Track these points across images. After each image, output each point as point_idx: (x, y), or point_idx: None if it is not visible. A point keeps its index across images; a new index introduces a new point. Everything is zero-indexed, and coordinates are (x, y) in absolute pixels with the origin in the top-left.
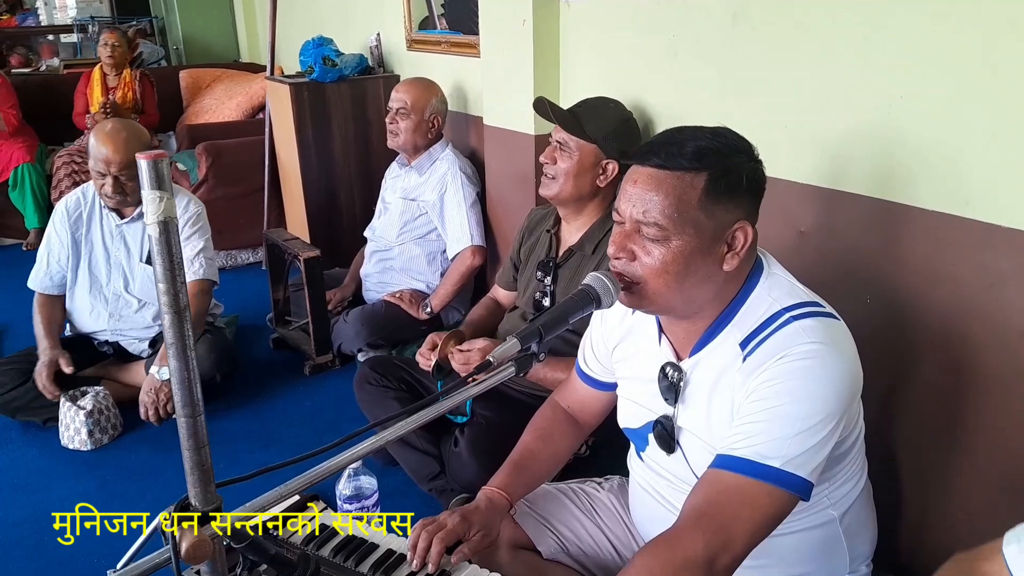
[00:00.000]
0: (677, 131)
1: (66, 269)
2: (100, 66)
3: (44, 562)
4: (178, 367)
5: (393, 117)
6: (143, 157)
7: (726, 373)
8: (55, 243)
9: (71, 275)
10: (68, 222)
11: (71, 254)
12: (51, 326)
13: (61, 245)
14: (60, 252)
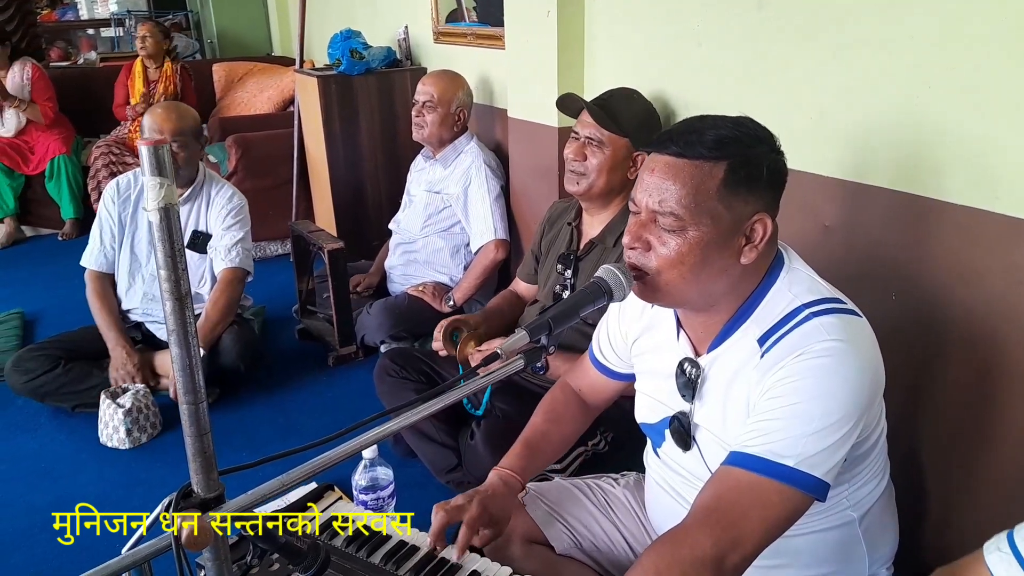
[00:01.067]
0: (698, 119)
1: (115, 249)
2: (140, 59)
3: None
4: (180, 354)
5: (419, 110)
6: (144, 143)
7: (743, 370)
8: (105, 221)
9: (117, 256)
10: (118, 199)
11: (117, 232)
12: (114, 316)
13: (111, 222)
14: (111, 228)
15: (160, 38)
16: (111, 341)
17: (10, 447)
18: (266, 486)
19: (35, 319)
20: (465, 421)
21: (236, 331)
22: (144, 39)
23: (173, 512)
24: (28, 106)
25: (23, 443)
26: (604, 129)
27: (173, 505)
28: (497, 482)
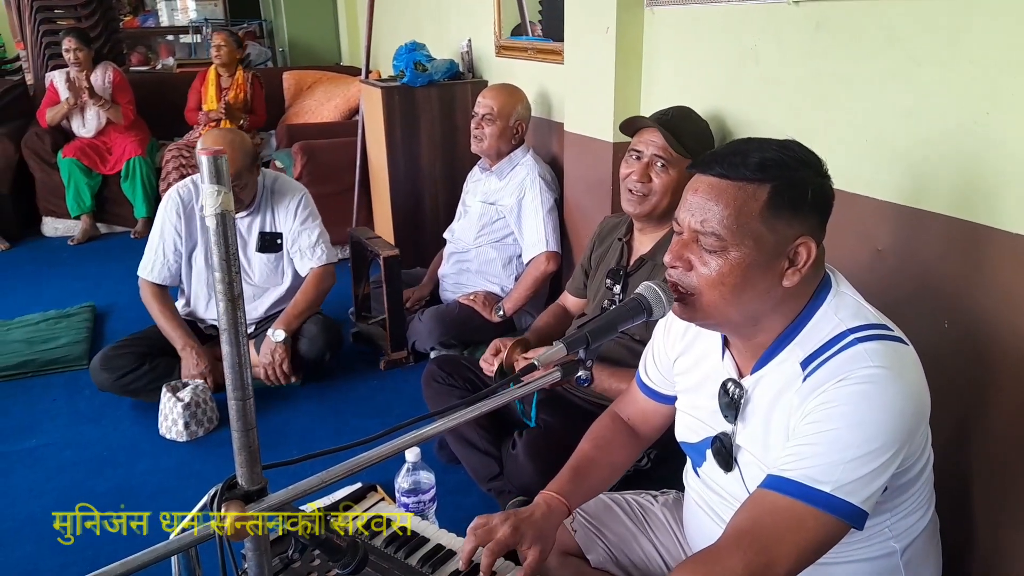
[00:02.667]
0: (744, 142)
1: (181, 259)
2: (215, 67)
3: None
4: (231, 352)
5: (479, 122)
6: (203, 153)
7: (785, 392)
8: (169, 231)
9: (185, 266)
10: (183, 211)
11: (185, 244)
12: (177, 319)
13: (176, 234)
14: (175, 240)
15: (234, 47)
16: (178, 343)
17: (75, 435)
18: (307, 482)
19: (105, 313)
20: (508, 430)
21: (322, 321)
22: (219, 48)
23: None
24: (110, 106)
25: (87, 431)
26: (673, 150)
27: (218, 496)
28: (541, 505)
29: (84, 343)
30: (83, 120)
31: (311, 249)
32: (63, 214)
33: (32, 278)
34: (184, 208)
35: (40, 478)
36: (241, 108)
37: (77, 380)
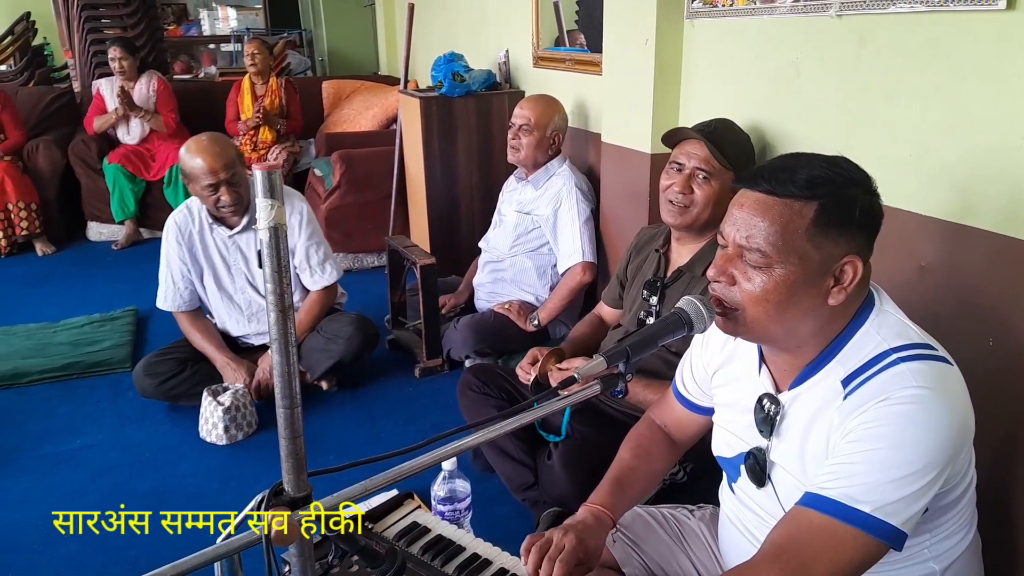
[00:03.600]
0: (791, 157)
1: (192, 283)
2: (249, 75)
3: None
4: (280, 361)
5: (516, 133)
6: (260, 168)
7: (825, 410)
8: (175, 261)
9: (201, 290)
10: (183, 238)
11: (193, 268)
12: (216, 339)
13: (181, 262)
14: (182, 268)
15: (267, 55)
16: (218, 362)
17: (118, 436)
18: (351, 489)
19: (147, 316)
20: (543, 440)
21: (358, 321)
22: (253, 56)
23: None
24: (152, 117)
25: (130, 433)
26: (715, 162)
27: (265, 502)
28: (588, 517)
29: (127, 346)
30: (128, 128)
31: (321, 267)
32: (107, 219)
33: (77, 281)
34: (183, 235)
35: (84, 478)
36: (277, 113)
37: (120, 383)
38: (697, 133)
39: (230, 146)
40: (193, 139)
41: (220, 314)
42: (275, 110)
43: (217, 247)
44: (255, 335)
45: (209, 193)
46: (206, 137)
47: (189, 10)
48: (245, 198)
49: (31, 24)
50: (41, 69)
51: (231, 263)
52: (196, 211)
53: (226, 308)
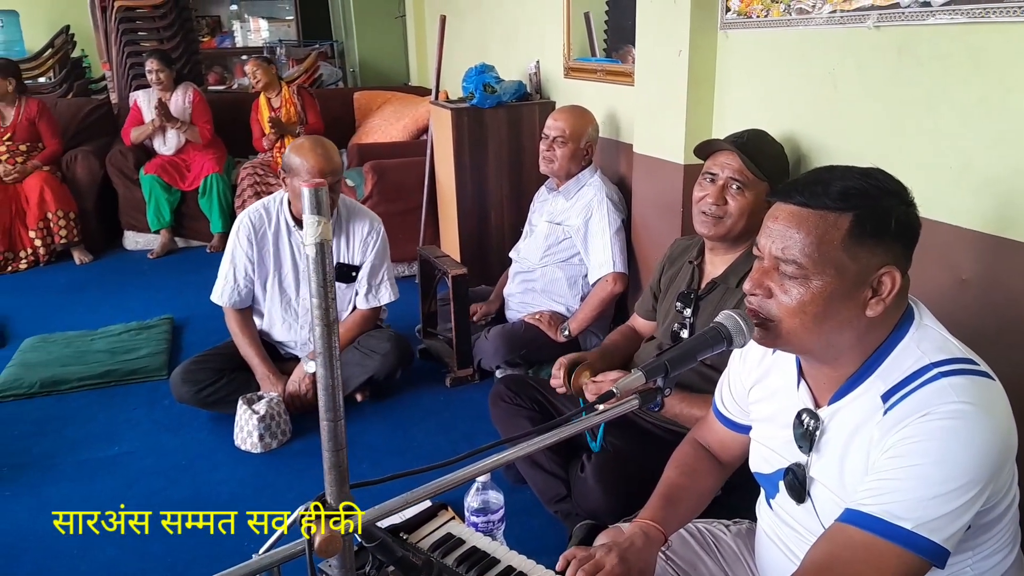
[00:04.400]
0: (826, 170)
1: (253, 283)
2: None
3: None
4: (325, 375)
5: (550, 144)
6: (305, 185)
7: (865, 426)
8: (241, 257)
9: (260, 290)
10: (255, 238)
11: (258, 270)
12: (259, 346)
13: (248, 260)
14: (247, 266)
15: (267, 68)
16: (258, 371)
17: (155, 443)
18: (392, 502)
19: (183, 325)
20: (575, 452)
21: (395, 338)
22: (255, 75)
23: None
24: (188, 128)
25: (166, 440)
26: (749, 172)
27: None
28: (638, 533)
29: (163, 354)
30: (164, 139)
31: (377, 287)
32: (143, 228)
33: (114, 290)
34: (256, 234)
35: (121, 484)
36: (295, 121)
37: (156, 390)
38: (730, 144)
39: (337, 154)
40: (308, 138)
41: (272, 316)
42: (292, 118)
43: (291, 251)
44: (300, 345)
45: None
46: (322, 140)
47: (223, 22)
48: (336, 206)
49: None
50: (80, 81)
51: (301, 268)
52: (275, 212)
53: (280, 312)
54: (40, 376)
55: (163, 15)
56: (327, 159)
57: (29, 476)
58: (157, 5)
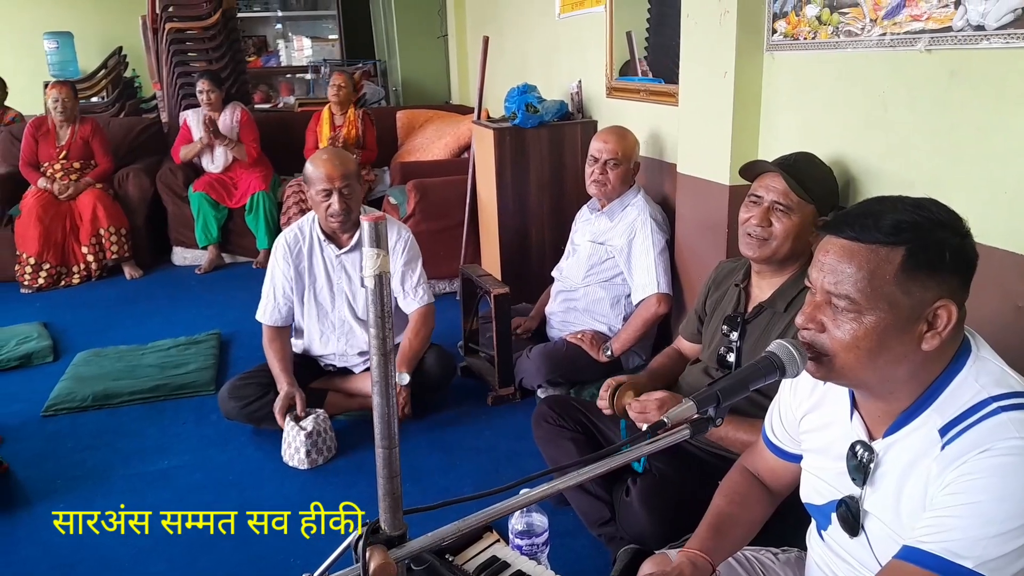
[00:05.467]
0: (876, 201)
1: (292, 301)
2: (329, 105)
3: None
4: (380, 403)
5: (603, 168)
6: (365, 219)
7: (921, 460)
8: (280, 277)
9: (298, 306)
10: (291, 257)
11: (295, 286)
12: (286, 363)
13: (285, 279)
14: (285, 285)
15: (351, 88)
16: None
17: (203, 458)
18: (445, 530)
19: (229, 340)
20: (620, 474)
21: (438, 353)
22: (339, 88)
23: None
24: (236, 146)
25: (214, 455)
26: (795, 195)
27: (363, 540)
28: (686, 563)
29: (211, 369)
30: (212, 157)
31: (414, 290)
32: (191, 244)
33: (163, 305)
34: (292, 253)
35: (172, 498)
36: (353, 143)
37: (204, 405)
38: (775, 166)
39: (351, 162)
40: (321, 149)
41: (311, 331)
42: (352, 140)
43: (324, 264)
44: (339, 356)
45: (322, 199)
46: (332, 150)
47: (268, 42)
48: (355, 213)
49: (123, 58)
50: (131, 100)
51: (334, 281)
52: (308, 230)
53: (319, 325)
54: (93, 390)
55: (212, 36)
56: (337, 165)
57: (83, 489)
58: (207, 27)
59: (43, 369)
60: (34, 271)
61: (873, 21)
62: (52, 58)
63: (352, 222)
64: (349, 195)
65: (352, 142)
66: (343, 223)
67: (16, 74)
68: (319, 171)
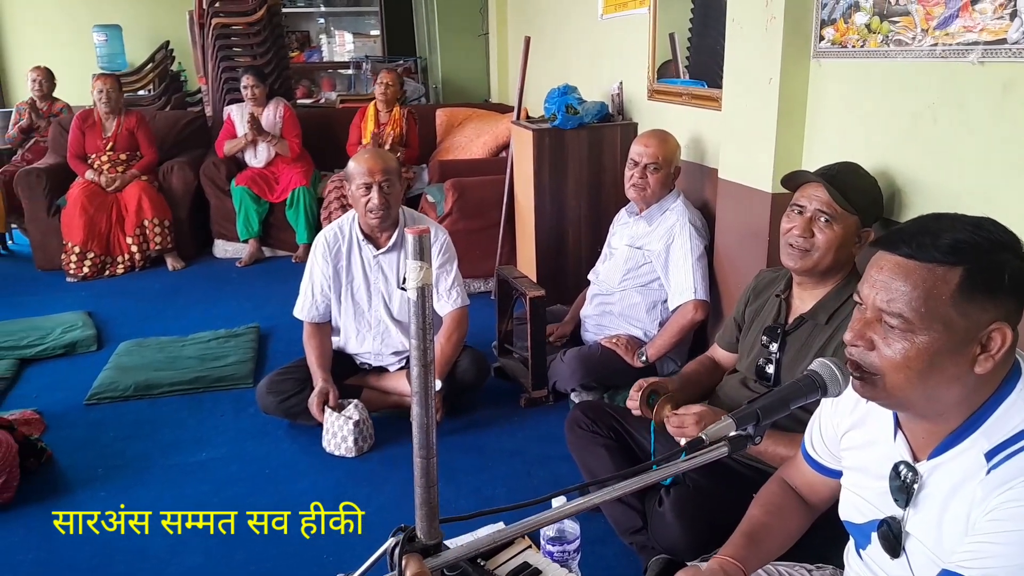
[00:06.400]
0: (933, 219)
1: (330, 298)
2: (374, 102)
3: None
4: (419, 413)
5: (643, 172)
6: (410, 231)
7: (966, 483)
8: (318, 275)
9: (335, 304)
10: (330, 255)
11: (333, 284)
12: (323, 359)
13: (324, 276)
14: (323, 283)
15: (399, 87)
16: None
17: (241, 450)
18: (480, 540)
19: (268, 334)
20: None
21: (473, 355)
22: (387, 86)
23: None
24: (278, 141)
25: (251, 448)
26: (838, 206)
27: (400, 548)
28: (717, 570)
29: (250, 363)
30: (255, 152)
31: (448, 292)
32: (233, 237)
33: (204, 297)
34: (331, 251)
35: (209, 490)
36: (397, 141)
37: (242, 398)
38: (818, 176)
39: (392, 160)
40: (363, 148)
41: (348, 330)
42: (396, 139)
43: (362, 264)
44: (375, 355)
45: (362, 193)
46: (376, 149)
47: (311, 37)
48: (394, 211)
49: (170, 52)
50: (177, 94)
51: (371, 281)
52: (347, 229)
53: (355, 324)
54: (135, 380)
55: (257, 32)
56: (377, 160)
57: (124, 478)
58: (252, 22)
59: (87, 357)
60: (79, 260)
61: (924, 31)
62: (101, 51)
63: (391, 221)
64: (388, 191)
65: (396, 140)
66: (382, 220)
67: (66, 66)
68: (360, 166)
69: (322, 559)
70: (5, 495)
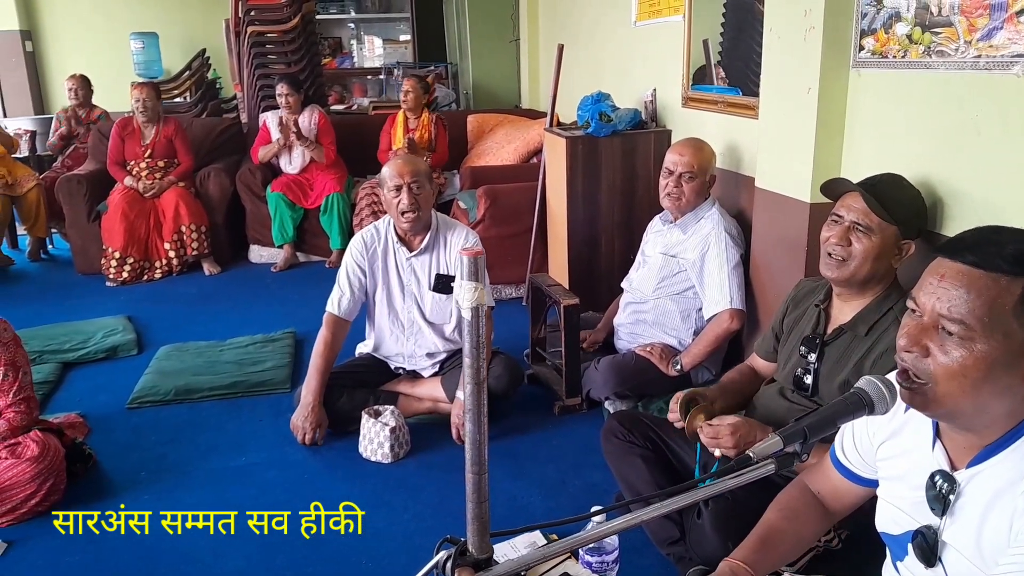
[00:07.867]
0: (993, 231)
1: (360, 297)
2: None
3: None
4: (472, 430)
5: (678, 181)
6: (465, 254)
7: (1007, 493)
8: (353, 269)
9: (371, 303)
10: (365, 255)
11: (369, 284)
12: (325, 361)
13: (359, 271)
14: (355, 281)
15: (421, 93)
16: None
17: (279, 455)
18: (529, 556)
19: (304, 339)
20: None
21: (506, 361)
22: (407, 94)
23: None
24: (314, 147)
25: (289, 453)
26: (876, 216)
27: (452, 562)
28: (726, 571)
29: (287, 368)
30: (290, 158)
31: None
32: (268, 243)
33: (240, 301)
34: (367, 250)
35: (249, 495)
36: (425, 147)
37: (280, 403)
38: (856, 186)
39: (423, 163)
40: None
41: (383, 330)
42: (424, 143)
43: (397, 266)
44: (407, 357)
45: (393, 195)
46: (408, 154)
47: (343, 43)
48: (425, 214)
49: (206, 60)
50: (213, 101)
51: (405, 282)
52: (383, 231)
53: (390, 324)
54: (175, 384)
55: (292, 39)
56: (406, 163)
57: (166, 482)
58: (287, 30)
59: (128, 361)
60: (119, 265)
61: (968, 42)
62: (138, 58)
63: (423, 224)
64: (419, 192)
65: (425, 145)
66: (413, 223)
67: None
68: (391, 169)
69: (360, 563)
70: (53, 498)
